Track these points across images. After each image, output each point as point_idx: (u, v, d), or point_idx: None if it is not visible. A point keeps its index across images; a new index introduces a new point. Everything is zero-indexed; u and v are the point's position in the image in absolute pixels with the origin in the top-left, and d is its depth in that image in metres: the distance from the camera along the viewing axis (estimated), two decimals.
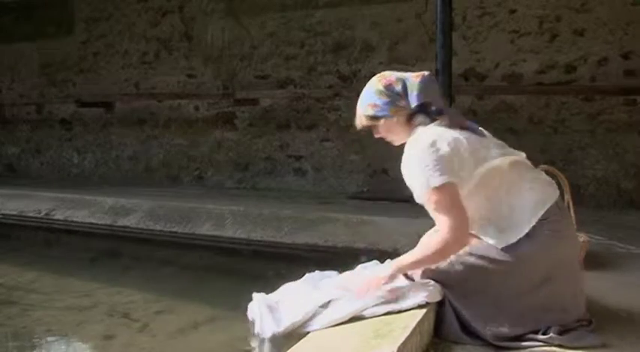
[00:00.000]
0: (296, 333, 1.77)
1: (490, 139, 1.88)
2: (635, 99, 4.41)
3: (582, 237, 2.41)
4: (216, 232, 3.87)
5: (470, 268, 1.78)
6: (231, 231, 3.83)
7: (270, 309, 1.91)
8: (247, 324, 1.99)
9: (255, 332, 1.90)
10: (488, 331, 1.72)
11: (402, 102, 1.86)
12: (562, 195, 2.26)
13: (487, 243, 1.79)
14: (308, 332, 1.73)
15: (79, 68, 6.94)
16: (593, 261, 2.48)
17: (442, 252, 1.75)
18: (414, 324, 1.61)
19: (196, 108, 6.22)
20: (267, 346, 1.87)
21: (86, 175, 6.98)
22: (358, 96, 1.96)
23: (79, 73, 6.95)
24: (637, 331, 1.79)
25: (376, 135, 1.99)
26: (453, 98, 3.69)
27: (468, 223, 1.73)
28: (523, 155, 1.89)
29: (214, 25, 6.06)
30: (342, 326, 1.70)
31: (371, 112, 1.90)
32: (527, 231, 1.73)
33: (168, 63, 6.35)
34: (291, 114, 5.69)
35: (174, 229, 4.02)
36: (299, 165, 5.70)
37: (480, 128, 1.89)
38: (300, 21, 5.57)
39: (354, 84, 5.21)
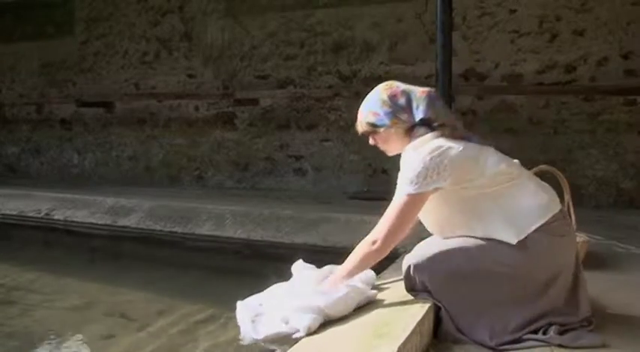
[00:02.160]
0: (277, 340, 1.77)
1: (490, 149, 1.87)
2: (635, 99, 4.41)
3: (582, 237, 2.42)
4: (216, 232, 3.86)
5: (474, 273, 1.75)
6: (231, 231, 3.82)
7: (252, 316, 1.90)
8: None
9: (240, 337, 1.91)
10: (489, 340, 1.70)
11: (404, 116, 1.88)
12: (562, 195, 2.27)
13: (495, 242, 1.75)
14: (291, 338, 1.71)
15: (79, 68, 6.95)
16: (593, 261, 2.48)
17: (366, 262, 1.87)
18: (414, 324, 1.60)
19: (196, 108, 6.22)
20: (266, 346, 1.87)
21: (86, 175, 6.97)
22: (358, 96, 1.98)
23: (79, 73, 6.95)
24: (636, 331, 1.79)
25: (371, 143, 2.03)
26: (452, 98, 3.69)
27: (399, 239, 1.83)
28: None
29: (214, 25, 6.06)
30: (342, 326, 1.69)
31: (372, 120, 1.93)
32: (539, 224, 1.73)
33: (169, 63, 6.35)
34: (291, 114, 5.69)
35: (174, 229, 4.01)
36: (299, 165, 5.70)
37: (479, 138, 1.89)
38: (300, 21, 5.57)
39: (354, 84, 5.23)
